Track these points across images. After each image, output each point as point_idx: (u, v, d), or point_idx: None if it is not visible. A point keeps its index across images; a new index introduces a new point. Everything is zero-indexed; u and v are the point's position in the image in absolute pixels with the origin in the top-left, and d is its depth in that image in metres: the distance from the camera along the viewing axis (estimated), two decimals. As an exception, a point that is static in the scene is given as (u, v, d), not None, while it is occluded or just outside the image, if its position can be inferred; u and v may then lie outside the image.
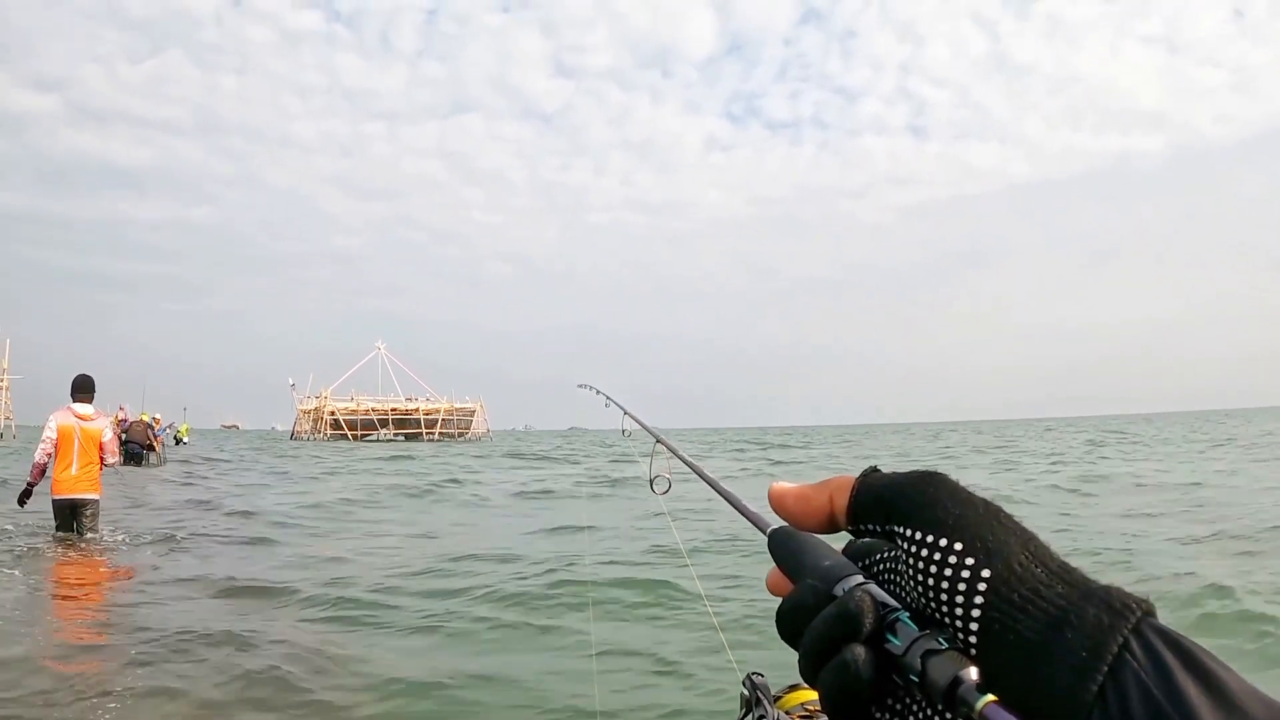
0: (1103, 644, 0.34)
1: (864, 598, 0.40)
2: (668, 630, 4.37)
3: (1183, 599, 5.17)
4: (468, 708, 3.57)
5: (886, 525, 0.43)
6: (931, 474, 0.43)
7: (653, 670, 3.84)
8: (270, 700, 3.62)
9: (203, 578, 6.44)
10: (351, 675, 3.95)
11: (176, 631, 4.56)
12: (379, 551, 8.05)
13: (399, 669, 4.00)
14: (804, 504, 0.47)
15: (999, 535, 0.39)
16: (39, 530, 7.80)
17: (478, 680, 3.87)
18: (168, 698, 3.58)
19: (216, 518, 10.60)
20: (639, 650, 4.10)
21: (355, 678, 3.91)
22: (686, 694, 3.62)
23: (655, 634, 4.34)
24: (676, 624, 4.39)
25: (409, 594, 5.73)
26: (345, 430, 62.93)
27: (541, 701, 3.59)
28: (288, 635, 4.65)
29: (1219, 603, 5.03)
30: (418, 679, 3.85)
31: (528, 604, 5.26)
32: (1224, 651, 2.09)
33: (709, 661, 3.88)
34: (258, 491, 15.08)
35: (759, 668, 1.27)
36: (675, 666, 3.80)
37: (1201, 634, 4.80)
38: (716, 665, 3.75)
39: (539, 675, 3.88)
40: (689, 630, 4.40)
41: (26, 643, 4.40)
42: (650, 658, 4.00)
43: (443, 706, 3.59)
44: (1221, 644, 4.58)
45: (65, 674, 3.84)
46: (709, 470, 0.83)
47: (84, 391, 7.72)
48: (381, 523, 10.59)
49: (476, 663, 4.16)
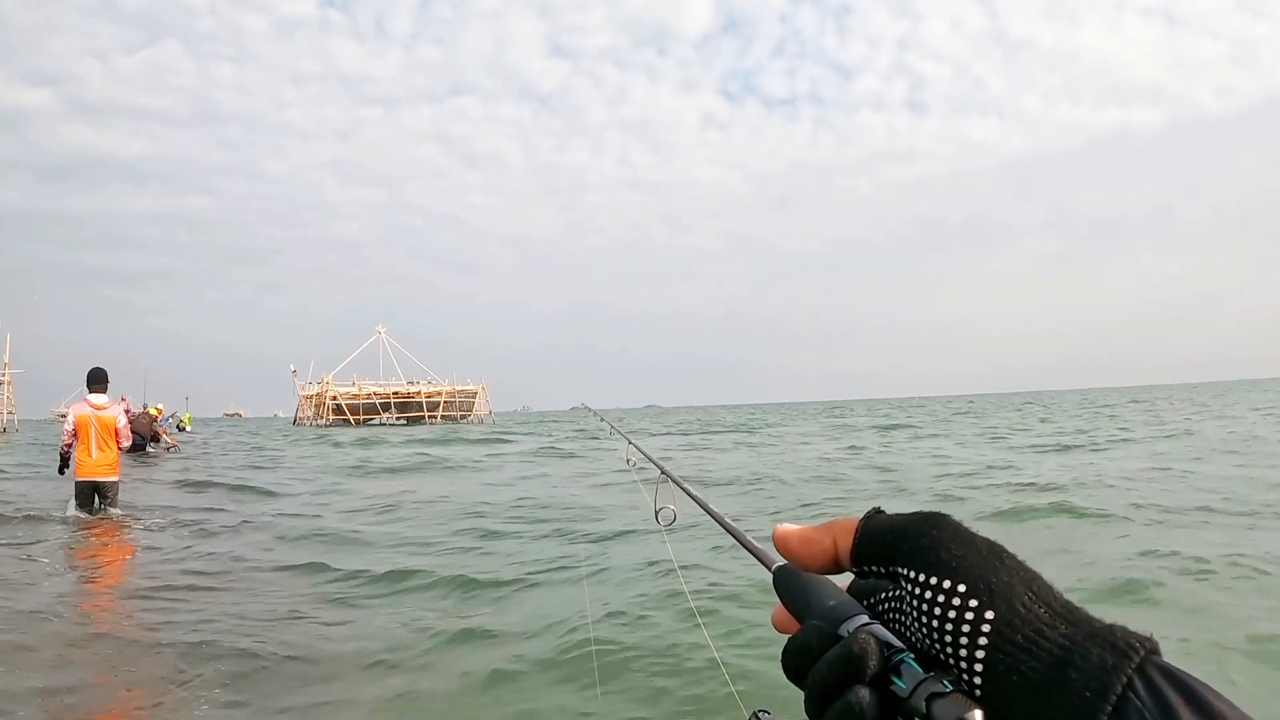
0: (1107, 684, 0.34)
1: (868, 640, 0.40)
2: (671, 669, 4.14)
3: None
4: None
5: (890, 567, 0.43)
6: (934, 515, 0.44)
7: (655, 707, 3.72)
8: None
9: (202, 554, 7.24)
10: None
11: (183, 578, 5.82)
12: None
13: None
14: (808, 546, 0.48)
15: (1002, 576, 0.39)
16: (63, 507, 8.75)
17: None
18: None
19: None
20: (640, 686, 3.92)
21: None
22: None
23: (658, 672, 4.11)
24: (678, 663, 4.18)
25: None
26: (348, 415, 63.52)
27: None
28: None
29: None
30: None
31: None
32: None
33: (714, 701, 3.71)
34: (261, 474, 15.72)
35: (765, 705, 1.21)
36: (678, 705, 3.69)
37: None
38: (721, 705, 3.65)
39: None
40: (692, 667, 4.15)
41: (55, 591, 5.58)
42: (652, 693, 3.84)
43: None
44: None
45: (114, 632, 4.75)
46: (715, 505, 0.84)
47: (98, 383, 8.49)
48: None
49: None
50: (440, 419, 65.13)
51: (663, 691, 3.79)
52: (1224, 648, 3.98)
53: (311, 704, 3.71)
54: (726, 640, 4.33)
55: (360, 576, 6.11)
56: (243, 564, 6.68)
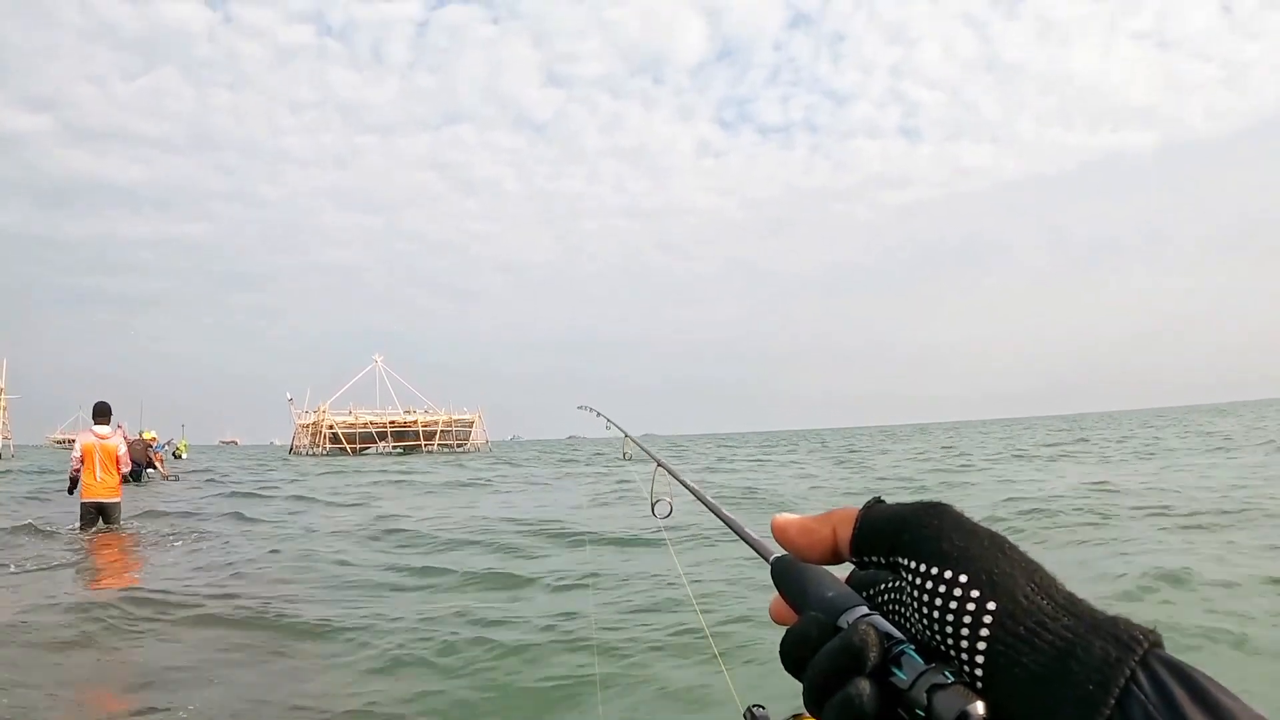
0: (1109, 677, 0.34)
1: (868, 631, 0.39)
2: (667, 658, 4.31)
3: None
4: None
5: (890, 557, 0.42)
6: (935, 505, 0.43)
7: (653, 700, 3.80)
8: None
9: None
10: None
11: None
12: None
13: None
14: (807, 536, 0.47)
15: (1004, 567, 0.38)
16: (71, 526, 9.80)
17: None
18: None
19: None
20: (639, 678, 4.05)
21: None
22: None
23: (655, 664, 4.27)
24: (676, 652, 4.35)
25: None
26: (344, 444, 62.84)
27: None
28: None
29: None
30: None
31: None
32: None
33: (709, 692, 3.80)
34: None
35: (760, 699, 1.26)
36: (675, 696, 3.75)
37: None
38: (717, 697, 3.70)
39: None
40: (687, 658, 4.33)
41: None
42: (650, 686, 3.95)
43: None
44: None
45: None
46: (710, 495, 0.83)
47: (102, 416, 9.52)
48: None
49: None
50: (437, 448, 64.42)
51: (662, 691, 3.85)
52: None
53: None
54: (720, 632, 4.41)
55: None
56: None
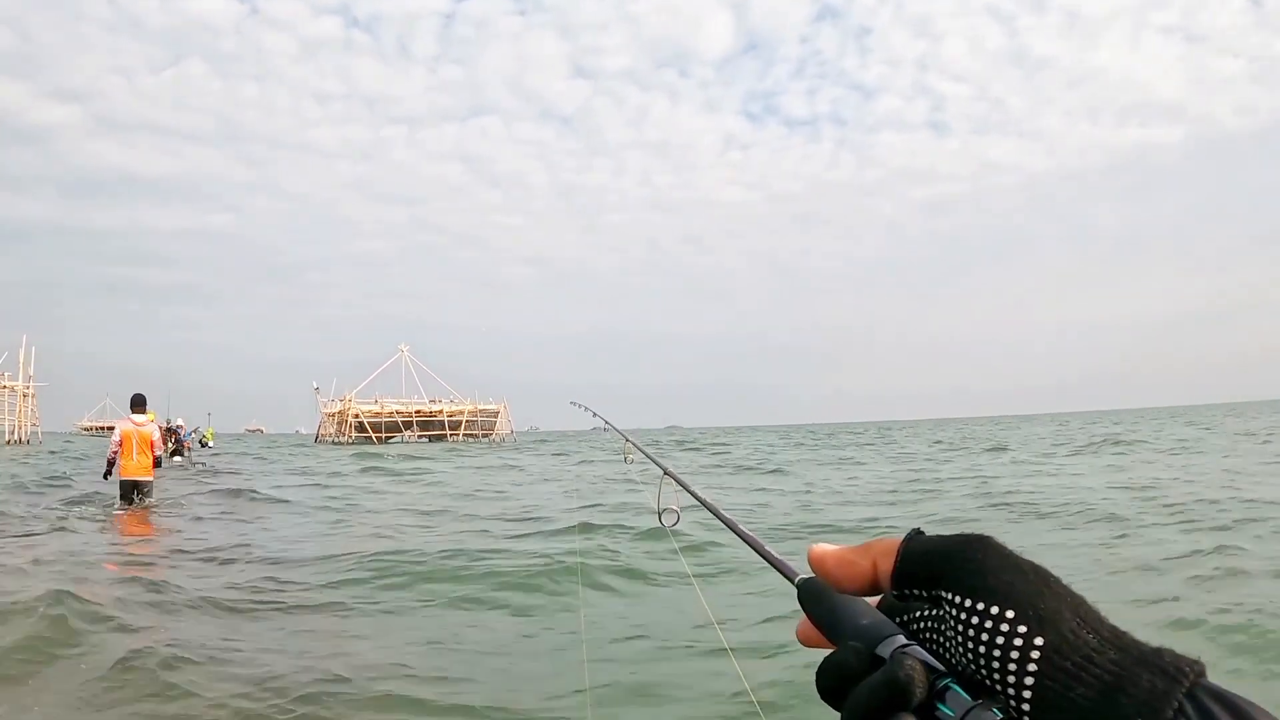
0: (1158, 710, 0.34)
1: (915, 665, 0.39)
2: (688, 682, 4.08)
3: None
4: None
5: (933, 590, 0.42)
6: (979, 538, 0.42)
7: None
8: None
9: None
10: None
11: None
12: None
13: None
14: (846, 568, 0.47)
15: (1050, 602, 0.38)
16: (112, 500, 11.63)
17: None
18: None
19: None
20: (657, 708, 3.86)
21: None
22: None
23: (676, 687, 4.04)
24: (696, 677, 4.13)
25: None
26: (369, 433, 63.98)
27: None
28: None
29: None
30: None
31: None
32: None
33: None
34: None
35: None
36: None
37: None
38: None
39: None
40: (711, 685, 4.02)
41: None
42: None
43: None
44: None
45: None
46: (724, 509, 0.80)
47: (138, 406, 11.37)
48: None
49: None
50: (462, 437, 65.40)
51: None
52: None
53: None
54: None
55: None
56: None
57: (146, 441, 11.06)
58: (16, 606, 5.04)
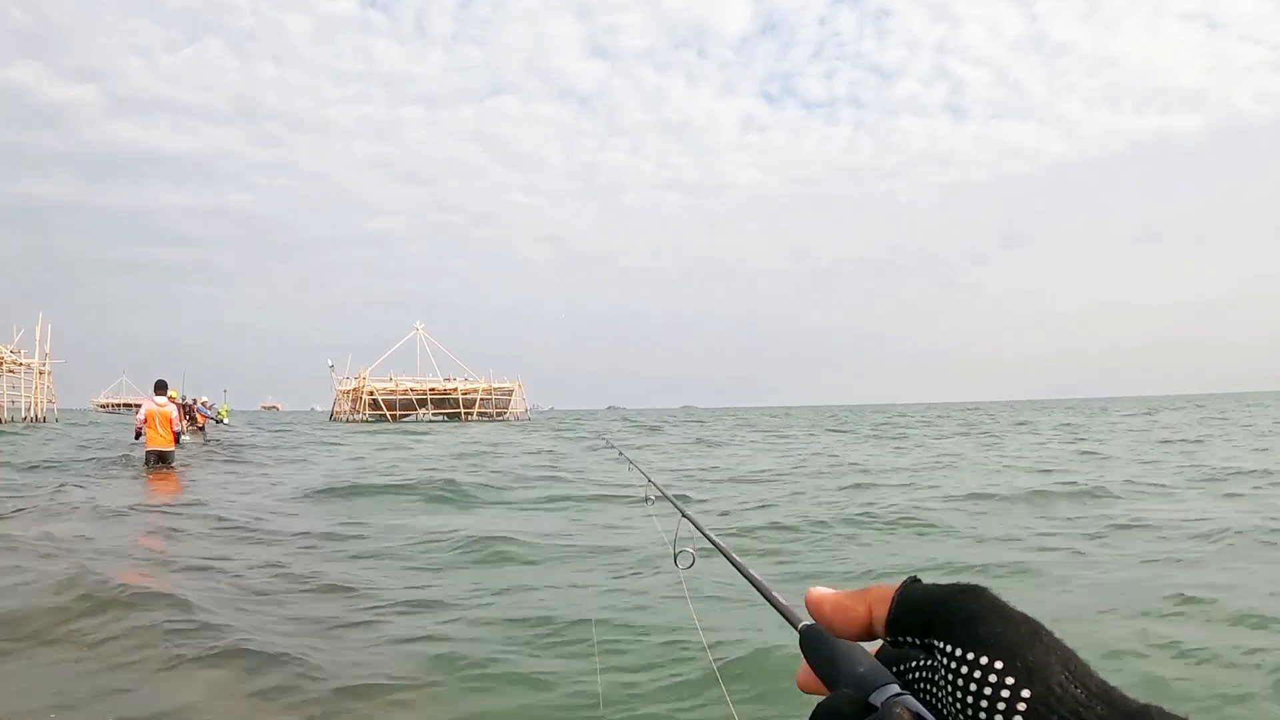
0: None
1: (904, 715, 0.40)
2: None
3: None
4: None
5: (926, 639, 0.42)
6: (973, 588, 0.42)
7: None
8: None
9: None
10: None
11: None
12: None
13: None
14: (842, 613, 0.47)
15: (1039, 655, 0.38)
16: (139, 465, 14.44)
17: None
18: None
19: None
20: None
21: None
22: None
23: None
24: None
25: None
26: (384, 410, 64.18)
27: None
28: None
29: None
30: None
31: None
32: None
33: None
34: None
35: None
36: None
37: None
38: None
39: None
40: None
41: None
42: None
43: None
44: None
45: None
46: (736, 553, 0.83)
47: (160, 389, 14.02)
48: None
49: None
50: (477, 416, 65.49)
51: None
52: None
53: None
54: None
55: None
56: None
57: (166, 419, 13.81)
58: (43, 572, 5.53)
